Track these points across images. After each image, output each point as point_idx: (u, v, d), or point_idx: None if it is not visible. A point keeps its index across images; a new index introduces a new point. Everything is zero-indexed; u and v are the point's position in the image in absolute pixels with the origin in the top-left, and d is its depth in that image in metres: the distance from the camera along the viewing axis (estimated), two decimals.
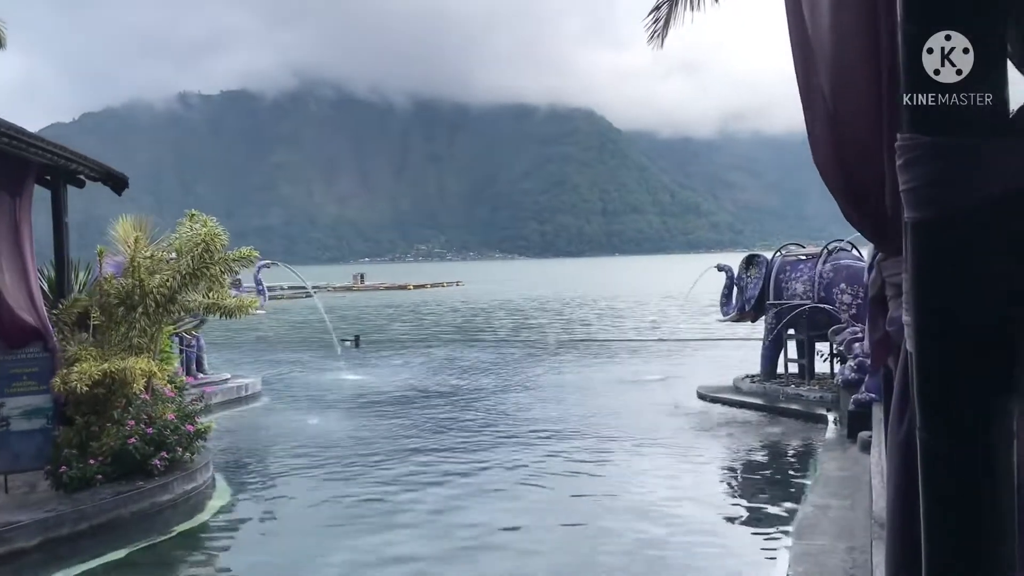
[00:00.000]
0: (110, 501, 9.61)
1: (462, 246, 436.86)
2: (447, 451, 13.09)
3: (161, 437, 10.49)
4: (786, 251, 17.44)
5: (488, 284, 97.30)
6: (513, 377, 21.19)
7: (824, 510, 8.78)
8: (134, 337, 10.84)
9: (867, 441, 10.80)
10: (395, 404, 17.59)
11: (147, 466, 10.27)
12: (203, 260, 11.19)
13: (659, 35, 16.03)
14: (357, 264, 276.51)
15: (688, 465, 11.92)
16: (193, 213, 12.12)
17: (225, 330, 28.92)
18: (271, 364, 24.65)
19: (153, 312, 11.05)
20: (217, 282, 11.49)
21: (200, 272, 11.22)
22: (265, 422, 16.17)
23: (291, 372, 23.02)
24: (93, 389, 10.20)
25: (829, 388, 15.16)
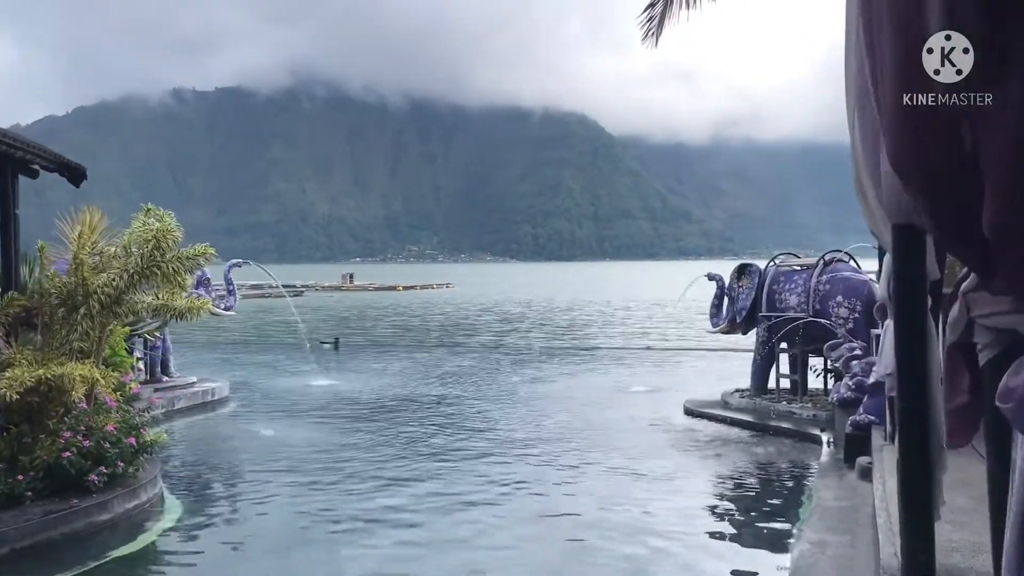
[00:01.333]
0: (38, 522, 8.69)
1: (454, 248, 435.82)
2: (420, 465, 12.28)
3: (100, 450, 9.58)
4: (780, 261, 16.66)
5: (478, 287, 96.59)
6: (494, 386, 20.37)
7: (822, 548, 7.95)
8: (75, 341, 9.94)
9: (866, 468, 9.99)
10: (368, 413, 16.73)
11: (83, 482, 9.36)
12: (153, 258, 10.30)
13: (653, 34, 15.31)
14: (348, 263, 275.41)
15: (671, 488, 11.09)
16: (149, 207, 11.26)
17: (195, 331, 28.00)
18: (242, 367, 23.75)
19: (97, 313, 10.15)
20: (170, 281, 10.60)
21: (150, 271, 10.33)
22: (229, 430, 15.30)
23: (262, 376, 22.10)
24: (26, 397, 9.29)
25: (823, 406, 14.35)
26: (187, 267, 10.58)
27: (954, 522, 6.51)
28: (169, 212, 11.13)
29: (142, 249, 10.37)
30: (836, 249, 16.51)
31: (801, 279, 15.47)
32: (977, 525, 6.51)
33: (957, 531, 6.37)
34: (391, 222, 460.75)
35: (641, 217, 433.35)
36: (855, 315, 14.31)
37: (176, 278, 10.62)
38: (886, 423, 9.93)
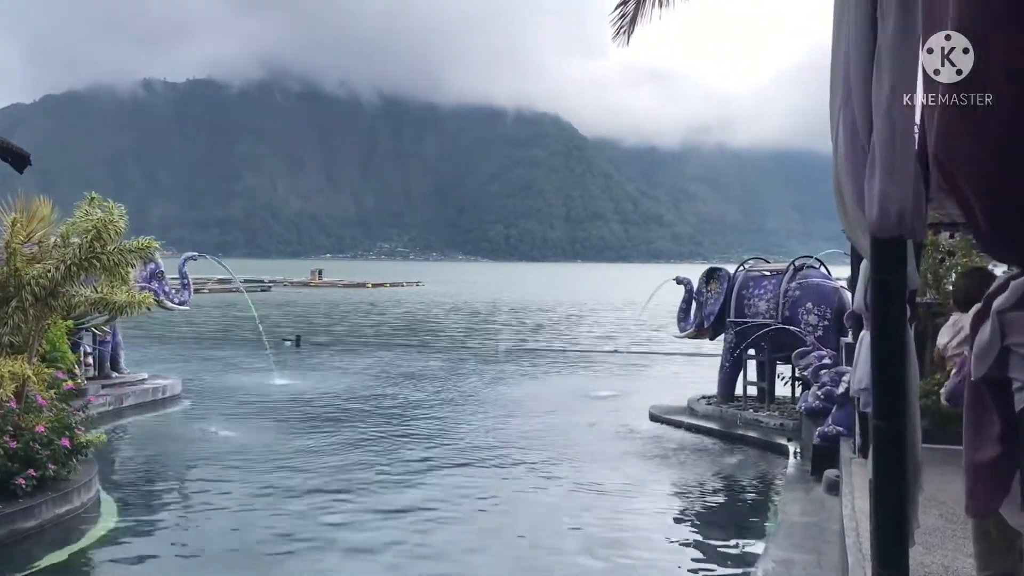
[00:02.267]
0: None
1: (425, 246, 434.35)
2: (375, 470, 11.83)
3: (28, 452, 8.99)
4: (750, 266, 16.36)
5: (448, 285, 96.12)
6: (456, 388, 19.94)
7: (787, 566, 7.59)
8: (5, 335, 9.34)
9: (834, 481, 9.67)
10: (325, 415, 16.24)
11: (9, 486, 8.77)
12: (93, 249, 9.72)
13: (625, 32, 14.96)
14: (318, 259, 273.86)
15: (634, 499, 10.69)
16: (93, 196, 10.65)
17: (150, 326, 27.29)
18: (197, 364, 23.10)
19: (31, 306, 9.57)
20: (111, 274, 10.03)
21: (89, 262, 9.75)
22: (179, 430, 14.71)
23: (217, 374, 21.49)
24: None
25: (790, 415, 14.05)
26: (129, 260, 9.99)
27: (925, 544, 6.16)
28: (119, 204, 10.54)
29: (81, 240, 9.78)
30: (806, 255, 16.27)
31: (771, 285, 15.18)
32: (949, 547, 6.18)
33: (928, 554, 6.02)
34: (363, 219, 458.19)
35: (613, 219, 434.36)
36: (824, 322, 14.05)
37: (117, 271, 10.05)
38: (855, 435, 9.62)
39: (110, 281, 10.13)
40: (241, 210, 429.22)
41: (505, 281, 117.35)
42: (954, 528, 6.63)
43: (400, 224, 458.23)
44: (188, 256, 19.04)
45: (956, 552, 6.07)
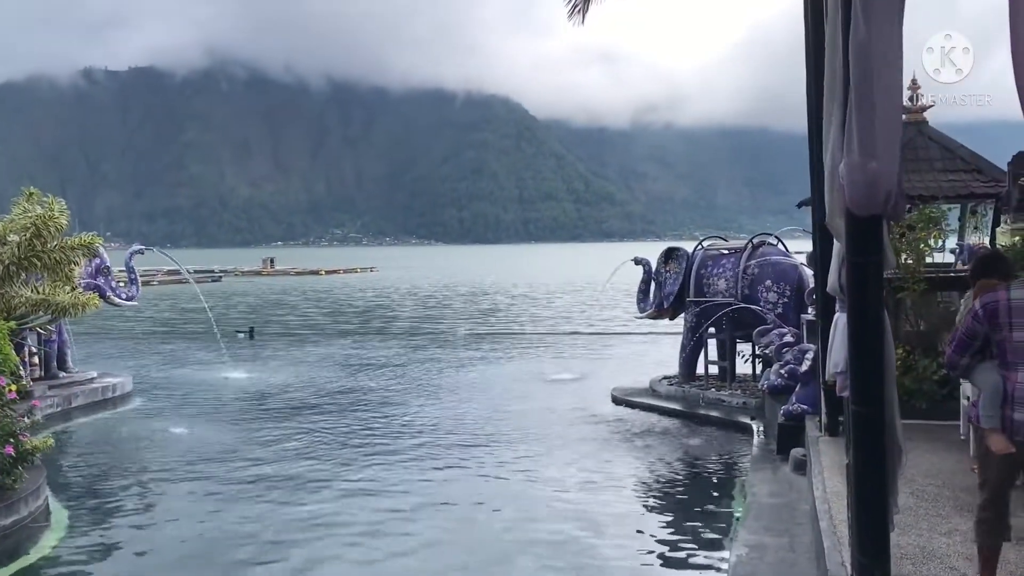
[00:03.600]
0: None
1: (378, 231, 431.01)
2: (335, 464, 11.61)
3: None
4: (708, 245, 16.31)
5: (402, 271, 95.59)
6: (415, 375, 19.72)
7: (760, 551, 7.47)
8: None
9: (800, 460, 9.62)
10: (283, 408, 15.91)
11: None
12: (32, 247, 9.27)
13: (580, 10, 14.74)
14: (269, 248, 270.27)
15: (597, 485, 10.55)
16: (32, 191, 10.17)
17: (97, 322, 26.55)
18: (148, 360, 22.52)
19: None
20: (53, 272, 9.58)
21: (29, 261, 9.30)
22: (132, 430, 14.24)
23: (169, 369, 20.97)
24: None
25: (752, 393, 14.03)
26: (72, 257, 9.55)
27: (899, 524, 6.05)
28: (58, 199, 10.06)
29: (20, 238, 9.32)
30: (762, 232, 16.24)
31: (729, 263, 15.14)
32: (923, 527, 6.10)
33: (904, 535, 5.92)
34: (314, 206, 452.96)
35: (565, 200, 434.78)
36: (784, 300, 14.04)
37: (60, 269, 9.61)
38: (821, 413, 9.56)
39: (53, 280, 9.67)
40: (189, 199, 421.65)
41: (460, 264, 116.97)
42: (926, 506, 6.56)
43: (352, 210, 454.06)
44: (134, 250, 18.50)
45: (931, 532, 5.99)
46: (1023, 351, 4.35)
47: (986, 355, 4.61)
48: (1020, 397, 4.38)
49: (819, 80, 8.04)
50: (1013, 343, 4.37)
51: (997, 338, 4.42)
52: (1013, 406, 4.40)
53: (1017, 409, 4.38)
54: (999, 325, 4.37)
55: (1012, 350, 4.39)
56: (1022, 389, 4.37)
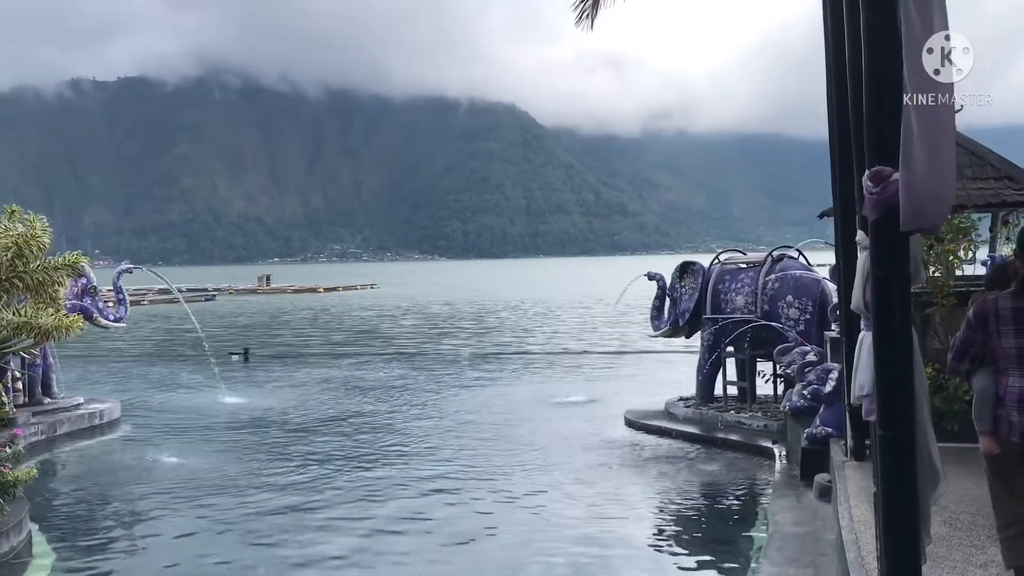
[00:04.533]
0: None
1: (379, 246, 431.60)
2: (336, 492, 11.56)
3: None
4: (725, 258, 16.26)
5: (404, 287, 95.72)
6: (419, 398, 19.69)
7: None
8: None
9: (825, 487, 9.55)
10: (280, 434, 15.91)
11: None
12: (14, 267, 9.27)
13: (588, 16, 14.86)
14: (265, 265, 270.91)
15: (611, 513, 10.51)
16: (13, 209, 10.16)
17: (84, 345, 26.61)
18: (136, 385, 22.54)
19: None
20: (36, 294, 9.58)
21: (10, 282, 9.30)
22: (120, 459, 14.25)
23: (159, 394, 20.97)
24: None
25: (774, 415, 13.95)
26: (56, 278, 9.55)
27: (931, 555, 5.99)
28: (40, 216, 10.07)
29: (0, 258, 9.33)
30: (782, 245, 16.21)
31: (748, 278, 15.09)
32: (957, 558, 6.03)
33: (936, 567, 5.85)
34: (311, 220, 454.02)
35: (575, 211, 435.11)
36: (807, 316, 13.98)
37: (44, 290, 9.60)
38: (846, 436, 9.49)
39: (36, 302, 9.67)
40: (180, 215, 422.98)
41: (465, 280, 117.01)
42: (960, 536, 6.49)
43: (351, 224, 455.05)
44: (123, 269, 18.54)
45: (966, 564, 5.91)
46: (1012, 356, 4.80)
47: (985, 361, 5.00)
48: (1011, 400, 4.80)
49: (840, 83, 8.03)
50: (1002, 349, 4.82)
51: (990, 344, 4.87)
52: (1006, 408, 4.83)
53: (1010, 411, 4.81)
54: (989, 332, 4.84)
55: (1002, 356, 4.84)
56: (1012, 392, 4.79)
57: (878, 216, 4.43)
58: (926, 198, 4.11)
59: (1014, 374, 4.79)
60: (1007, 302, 4.82)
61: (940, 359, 9.56)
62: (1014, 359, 4.79)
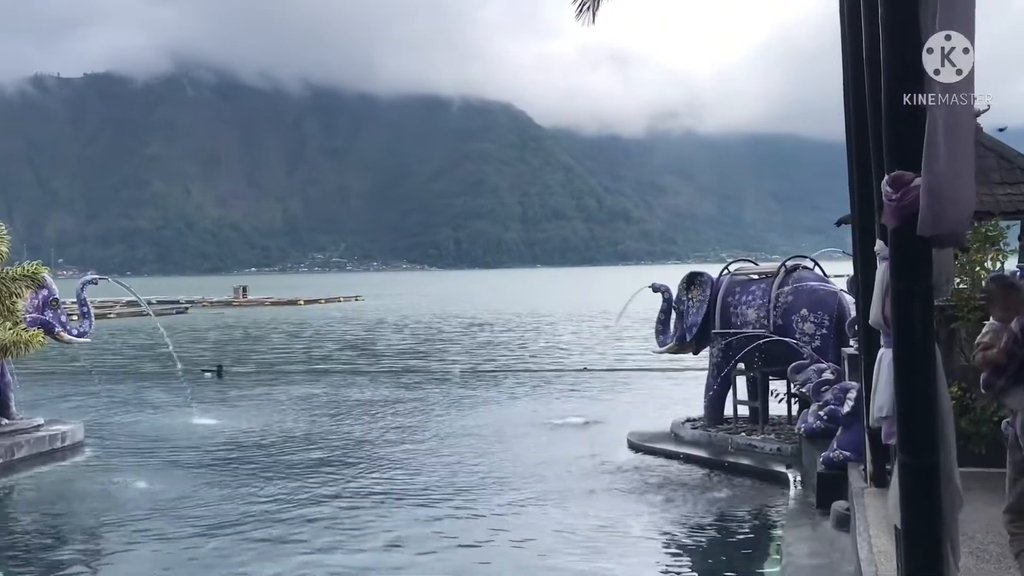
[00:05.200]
0: None
1: (364, 255, 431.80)
2: (317, 522, 11.58)
3: None
4: (735, 269, 16.32)
5: (392, 299, 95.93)
6: (406, 420, 19.73)
7: None
8: None
9: (843, 515, 9.55)
10: (256, 458, 15.93)
11: None
12: None
13: (589, 8, 14.91)
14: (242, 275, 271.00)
15: (614, 542, 10.57)
16: None
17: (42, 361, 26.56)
18: (102, 404, 22.48)
19: None
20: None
21: None
22: (84, 485, 14.24)
23: (127, 415, 20.93)
24: None
25: (788, 438, 13.97)
26: (14, 289, 9.57)
27: None
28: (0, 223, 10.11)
29: None
30: (797, 255, 16.26)
31: (760, 290, 15.14)
32: None
33: None
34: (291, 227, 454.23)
35: (575, 218, 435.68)
36: (823, 331, 14.02)
37: (1, 303, 9.61)
38: (866, 460, 9.49)
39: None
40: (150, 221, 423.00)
41: (456, 292, 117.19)
42: (988, 568, 6.51)
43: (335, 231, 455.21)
44: (87, 280, 18.55)
45: None
46: None
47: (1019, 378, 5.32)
48: None
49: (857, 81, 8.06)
50: None
51: None
52: None
53: None
54: None
55: None
56: None
57: (898, 224, 4.44)
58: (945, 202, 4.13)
59: None
60: None
61: (966, 377, 9.58)
62: None
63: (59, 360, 29.02)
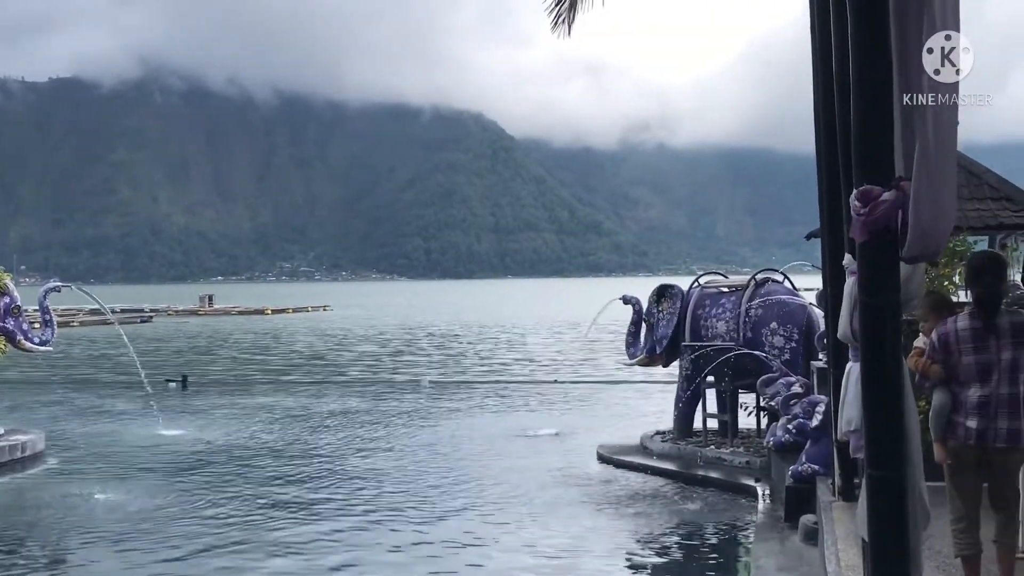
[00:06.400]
0: None
1: (333, 264, 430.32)
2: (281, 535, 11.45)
3: None
4: (705, 282, 16.40)
5: (360, 309, 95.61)
6: (373, 431, 19.63)
7: None
8: None
9: (812, 529, 9.59)
10: (221, 469, 15.74)
11: None
12: None
13: (565, 20, 14.94)
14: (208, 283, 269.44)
15: (583, 556, 10.51)
16: None
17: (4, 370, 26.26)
18: (63, 413, 22.28)
19: None
20: None
21: None
22: (43, 495, 14.01)
23: (88, 425, 20.67)
24: None
25: (757, 451, 14.03)
26: None
27: None
28: None
29: None
30: (767, 268, 16.36)
31: (730, 303, 15.21)
32: None
33: None
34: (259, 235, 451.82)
35: (547, 229, 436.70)
36: (792, 344, 14.10)
37: None
38: (834, 474, 9.55)
39: None
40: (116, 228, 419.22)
41: (426, 302, 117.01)
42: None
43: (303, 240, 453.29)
44: (50, 287, 18.33)
45: None
46: (972, 372, 5.68)
47: None
48: (971, 407, 5.67)
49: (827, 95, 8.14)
50: (963, 366, 5.69)
51: (952, 362, 5.75)
52: (965, 415, 5.70)
53: (968, 417, 5.68)
54: (951, 351, 5.74)
55: (963, 371, 5.71)
56: (972, 400, 5.67)
57: (866, 238, 4.48)
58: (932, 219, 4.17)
59: (974, 386, 5.68)
60: (964, 323, 5.74)
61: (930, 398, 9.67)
62: (974, 374, 5.67)
63: (20, 368, 28.68)
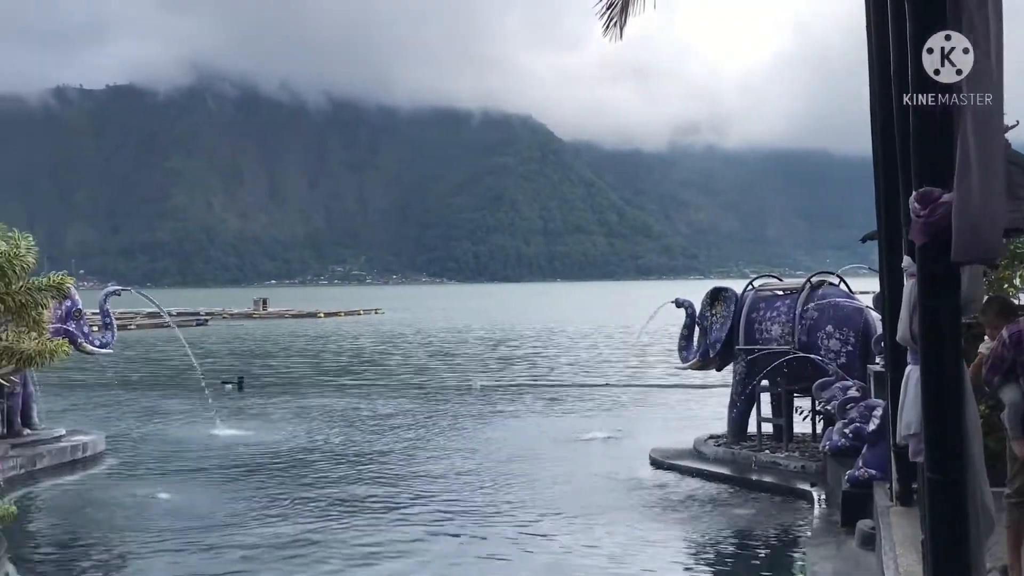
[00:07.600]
0: None
1: (385, 268, 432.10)
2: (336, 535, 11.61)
3: None
4: (759, 284, 16.28)
5: (412, 312, 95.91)
6: (426, 434, 19.75)
7: None
8: None
9: (868, 534, 9.50)
10: (277, 469, 16.03)
11: None
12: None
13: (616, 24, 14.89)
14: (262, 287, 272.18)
15: (635, 561, 10.52)
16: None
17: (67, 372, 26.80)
18: (123, 415, 22.70)
19: None
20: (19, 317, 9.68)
21: None
22: (105, 495, 14.35)
23: (147, 426, 21.12)
24: None
25: (813, 456, 13.90)
26: (40, 300, 9.65)
27: None
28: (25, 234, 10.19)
29: None
30: (823, 271, 16.21)
31: (784, 306, 15.10)
32: None
33: None
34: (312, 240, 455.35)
35: (596, 232, 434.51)
36: (848, 348, 13.97)
37: (26, 313, 9.69)
38: (891, 479, 9.45)
39: (18, 325, 9.77)
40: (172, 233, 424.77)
41: (476, 305, 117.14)
42: None
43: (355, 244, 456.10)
44: (110, 291, 18.71)
45: None
46: None
47: (1010, 377, 6.11)
48: None
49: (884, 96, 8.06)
50: None
51: (1021, 360, 5.94)
52: None
53: None
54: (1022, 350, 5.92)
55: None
56: None
57: (926, 241, 4.46)
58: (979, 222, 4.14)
59: None
60: None
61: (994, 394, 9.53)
62: None
63: (81, 371, 29.25)
